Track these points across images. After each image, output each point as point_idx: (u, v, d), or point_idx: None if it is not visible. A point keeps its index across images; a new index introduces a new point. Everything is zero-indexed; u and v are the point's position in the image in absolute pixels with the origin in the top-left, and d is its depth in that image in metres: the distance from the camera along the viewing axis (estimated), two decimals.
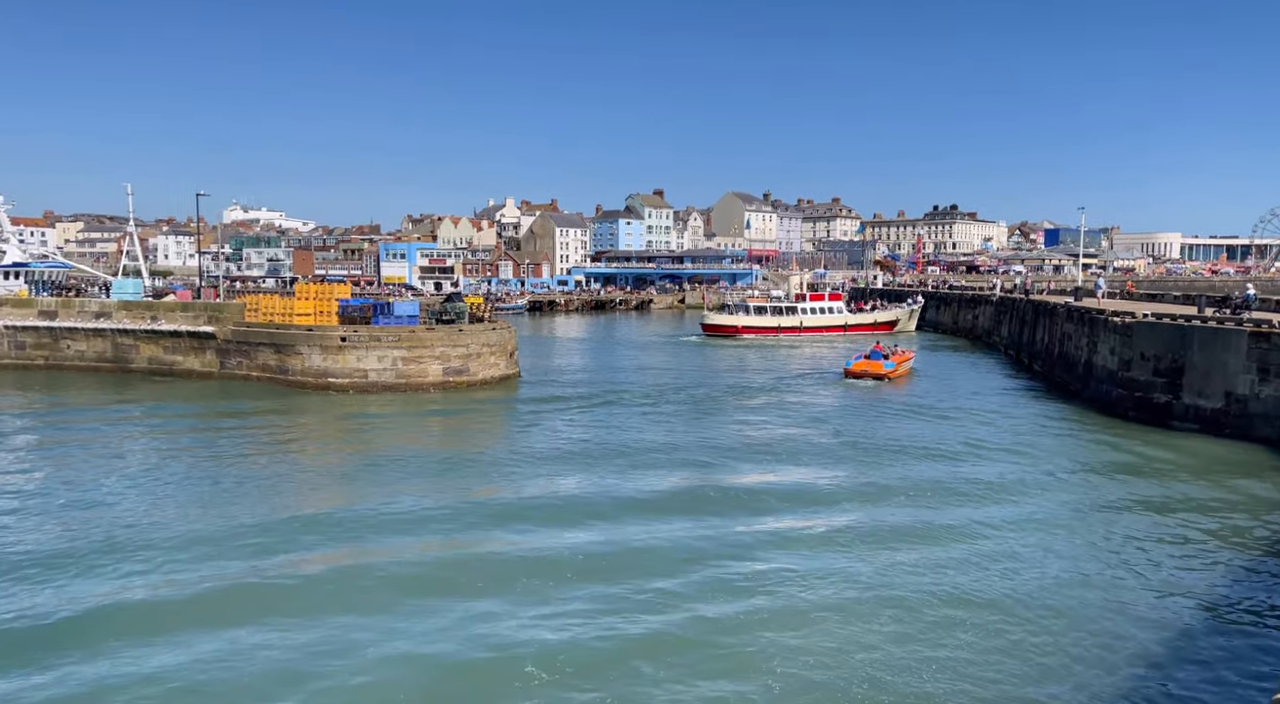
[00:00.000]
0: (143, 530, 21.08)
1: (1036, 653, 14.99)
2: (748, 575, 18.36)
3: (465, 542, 20.48)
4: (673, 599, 17.09)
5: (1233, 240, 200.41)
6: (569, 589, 17.55)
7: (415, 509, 23.00)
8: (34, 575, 18.20)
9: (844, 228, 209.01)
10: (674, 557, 19.44)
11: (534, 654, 14.76)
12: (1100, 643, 15.38)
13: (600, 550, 19.92)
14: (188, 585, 17.76)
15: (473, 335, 45.24)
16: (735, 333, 78.49)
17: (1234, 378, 32.17)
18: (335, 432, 34.86)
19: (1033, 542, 20.68)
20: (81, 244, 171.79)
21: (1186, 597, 17.45)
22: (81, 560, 19.05)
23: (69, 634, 15.51)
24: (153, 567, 18.75)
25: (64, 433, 33.61)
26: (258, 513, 22.61)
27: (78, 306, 52.45)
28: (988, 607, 16.85)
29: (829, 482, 26.25)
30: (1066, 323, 47.33)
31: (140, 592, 17.41)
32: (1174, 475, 27.03)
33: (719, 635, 15.53)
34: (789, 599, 17.12)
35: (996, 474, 27.24)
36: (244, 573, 18.44)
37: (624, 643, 15.30)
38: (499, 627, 15.84)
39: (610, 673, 14.20)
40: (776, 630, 15.74)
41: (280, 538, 20.59)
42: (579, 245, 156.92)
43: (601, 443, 31.84)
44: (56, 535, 20.77)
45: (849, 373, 49.38)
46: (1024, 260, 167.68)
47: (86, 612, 16.43)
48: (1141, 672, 14.36)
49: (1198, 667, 14.56)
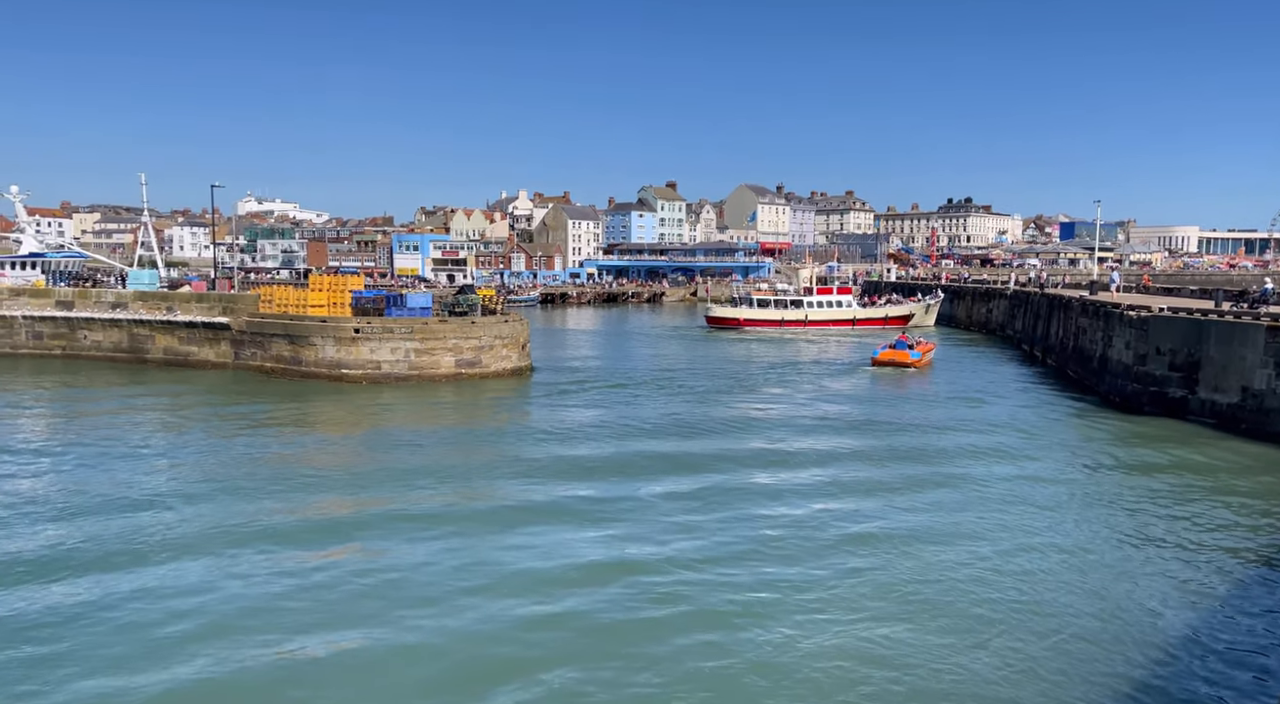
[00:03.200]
0: (156, 513, 21.30)
1: (1039, 647, 14.92)
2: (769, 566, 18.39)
3: (469, 539, 20.58)
4: (700, 592, 17.15)
5: (1251, 234, 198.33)
6: (567, 592, 17.62)
7: (427, 509, 23.12)
8: (45, 558, 18.41)
9: (858, 221, 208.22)
10: (695, 557, 19.46)
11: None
12: (1109, 638, 15.30)
13: (609, 557, 19.96)
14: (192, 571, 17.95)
15: (485, 328, 45.36)
16: (738, 326, 78.42)
17: (1251, 373, 31.90)
18: (349, 420, 35.05)
19: (1042, 536, 20.57)
20: (98, 235, 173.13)
21: (1197, 594, 17.34)
22: (87, 546, 19.24)
23: (72, 619, 15.69)
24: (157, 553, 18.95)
25: (81, 419, 33.90)
26: (274, 505, 22.77)
27: (94, 297, 52.86)
28: (993, 601, 16.79)
29: (839, 473, 26.20)
30: (1081, 317, 47.04)
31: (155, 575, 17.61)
32: (1188, 471, 26.84)
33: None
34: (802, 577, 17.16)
35: (1007, 469, 27.11)
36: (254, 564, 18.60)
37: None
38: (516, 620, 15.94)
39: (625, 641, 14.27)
40: (782, 606, 15.79)
41: (298, 527, 20.76)
42: (591, 238, 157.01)
43: (614, 434, 31.82)
44: (62, 518, 20.98)
45: (877, 361, 51.63)
46: (1039, 254, 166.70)
47: (94, 597, 16.61)
48: (1147, 668, 14.29)
49: (1206, 664, 14.46)
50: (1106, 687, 13.67)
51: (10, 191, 60.78)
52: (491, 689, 13.50)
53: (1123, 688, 13.64)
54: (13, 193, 60.82)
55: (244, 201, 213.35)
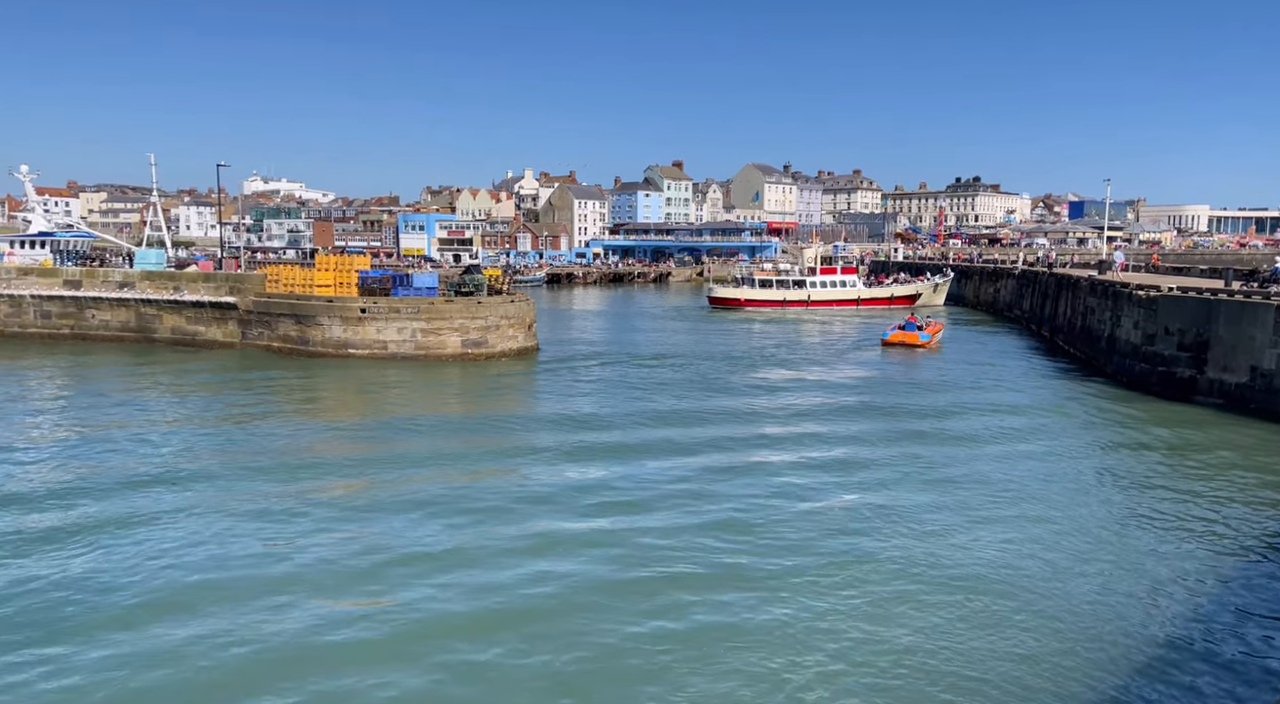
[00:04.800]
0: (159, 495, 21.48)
1: (1038, 632, 14.96)
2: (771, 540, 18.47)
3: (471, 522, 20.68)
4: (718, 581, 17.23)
5: (1262, 213, 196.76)
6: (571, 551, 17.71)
7: (431, 488, 23.24)
8: (62, 535, 18.58)
9: (865, 200, 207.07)
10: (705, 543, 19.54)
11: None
12: (1111, 624, 15.32)
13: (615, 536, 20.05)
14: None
15: (491, 308, 45.37)
16: (739, 306, 78.45)
17: (1260, 352, 31.76)
18: (354, 401, 35.17)
19: (1049, 517, 20.60)
20: (105, 214, 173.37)
21: (1202, 578, 17.33)
22: (95, 533, 19.40)
23: (72, 604, 15.84)
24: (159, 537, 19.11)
25: (88, 396, 34.09)
26: (279, 485, 22.91)
27: (102, 276, 52.96)
28: (996, 583, 16.84)
29: (845, 453, 26.25)
30: (1090, 296, 46.82)
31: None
32: (1195, 451, 26.81)
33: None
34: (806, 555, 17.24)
35: (1013, 450, 27.11)
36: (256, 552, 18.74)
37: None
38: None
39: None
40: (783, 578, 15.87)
41: (303, 506, 20.90)
42: (597, 217, 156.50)
43: (618, 414, 31.87)
44: (68, 498, 21.15)
45: (886, 342, 51.66)
46: (1047, 233, 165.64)
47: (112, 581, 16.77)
48: (1149, 656, 14.31)
49: (1209, 650, 14.49)
50: (1104, 675, 13.72)
51: (20, 171, 60.72)
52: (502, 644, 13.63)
53: (1123, 673, 13.69)
54: (22, 172, 60.71)
55: (250, 181, 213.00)
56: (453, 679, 13.29)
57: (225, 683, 13.04)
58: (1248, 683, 13.26)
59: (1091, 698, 12.79)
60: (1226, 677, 13.42)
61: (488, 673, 13.44)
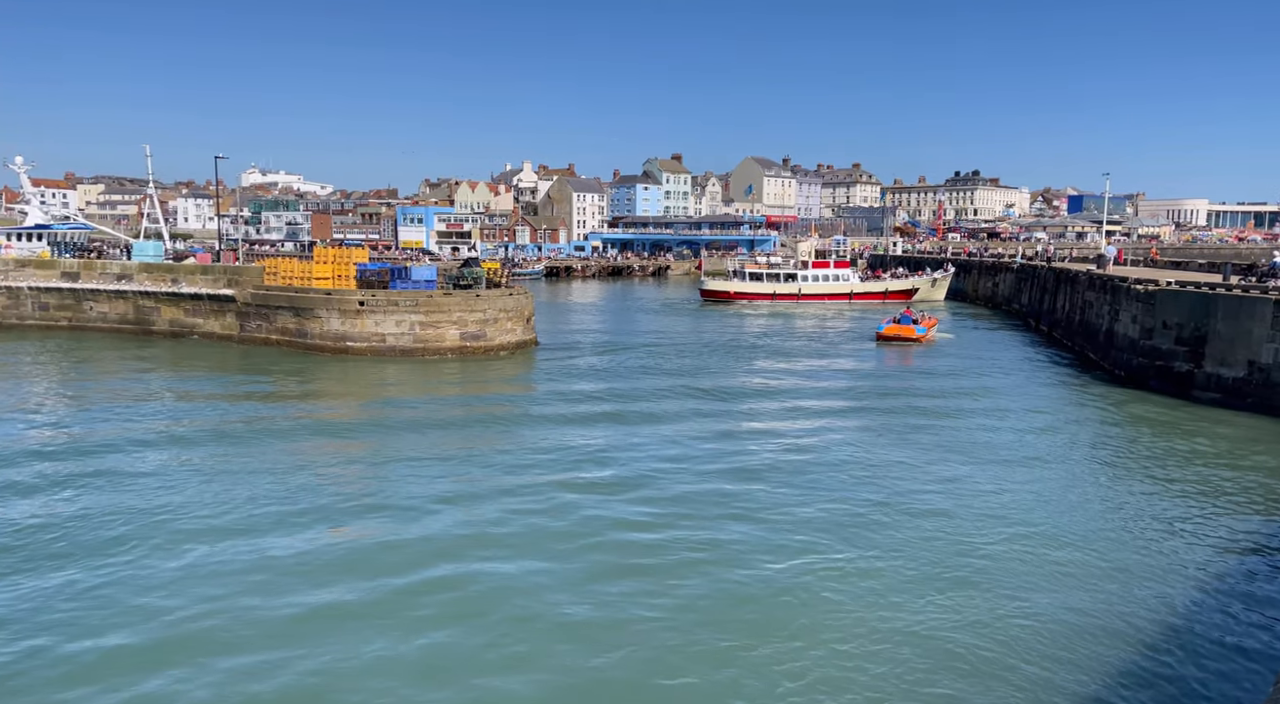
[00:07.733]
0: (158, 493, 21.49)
1: (1036, 626, 15.02)
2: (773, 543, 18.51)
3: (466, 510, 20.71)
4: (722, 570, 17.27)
5: (1260, 207, 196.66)
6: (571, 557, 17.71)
7: (430, 480, 23.27)
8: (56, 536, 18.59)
9: (864, 194, 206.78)
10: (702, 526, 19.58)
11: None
12: (1105, 619, 15.37)
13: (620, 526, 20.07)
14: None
15: (489, 301, 45.33)
16: (730, 298, 78.70)
17: (1258, 347, 31.79)
18: (352, 394, 35.17)
19: (1040, 513, 20.65)
20: (102, 206, 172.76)
21: (1198, 571, 17.40)
22: (101, 524, 19.42)
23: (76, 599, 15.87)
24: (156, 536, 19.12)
25: (86, 388, 34.09)
26: (279, 486, 22.92)
27: (99, 268, 52.88)
28: (993, 578, 16.89)
29: (836, 444, 26.30)
30: (1088, 291, 46.84)
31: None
32: (1193, 445, 26.86)
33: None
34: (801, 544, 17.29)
35: (1010, 445, 27.16)
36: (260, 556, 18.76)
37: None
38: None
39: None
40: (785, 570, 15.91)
41: (307, 502, 20.91)
42: (596, 210, 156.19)
43: (615, 405, 31.90)
44: (60, 493, 21.17)
45: (881, 337, 51.12)
46: (1046, 227, 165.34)
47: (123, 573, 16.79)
48: (1147, 646, 14.38)
49: (1204, 644, 14.54)
50: (1103, 667, 13.76)
51: (15, 163, 60.56)
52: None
53: (1123, 664, 13.74)
54: (17, 164, 60.59)
55: (248, 173, 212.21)
56: (450, 670, 13.32)
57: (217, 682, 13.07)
58: (1242, 677, 13.31)
59: (1085, 693, 12.83)
60: (1221, 671, 13.47)
61: (485, 660, 13.49)
